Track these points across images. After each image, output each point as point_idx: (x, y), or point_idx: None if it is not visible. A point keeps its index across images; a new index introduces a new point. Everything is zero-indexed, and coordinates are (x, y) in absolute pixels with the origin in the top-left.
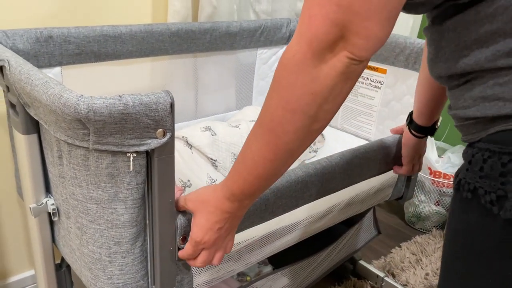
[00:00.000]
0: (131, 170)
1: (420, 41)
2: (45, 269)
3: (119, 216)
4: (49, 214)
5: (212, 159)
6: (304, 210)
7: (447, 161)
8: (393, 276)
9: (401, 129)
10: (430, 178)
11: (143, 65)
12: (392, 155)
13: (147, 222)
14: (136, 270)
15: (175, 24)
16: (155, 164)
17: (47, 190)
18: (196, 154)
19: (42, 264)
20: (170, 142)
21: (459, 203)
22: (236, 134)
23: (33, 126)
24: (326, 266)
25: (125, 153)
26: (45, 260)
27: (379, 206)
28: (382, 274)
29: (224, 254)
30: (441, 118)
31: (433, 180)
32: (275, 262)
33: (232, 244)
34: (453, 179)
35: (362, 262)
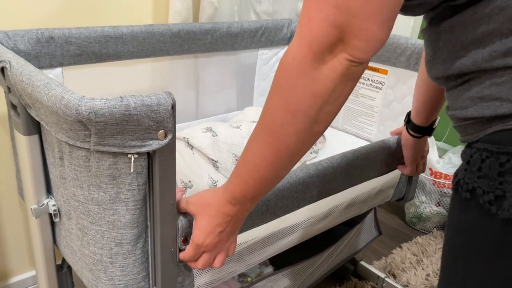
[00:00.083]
0: (132, 171)
1: (421, 41)
2: (46, 270)
3: (120, 217)
4: (50, 215)
5: (213, 160)
6: (305, 211)
7: (448, 161)
8: (394, 276)
9: (401, 130)
10: (431, 178)
11: (144, 65)
12: (393, 156)
13: (148, 223)
14: (137, 271)
15: (176, 24)
16: (156, 165)
17: (48, 191)
18: (197, 155)
19: (43, 265)
20: (171, 143)
21: (458, 203)
22: (237, 135)
23: (34, 127)
24: (327, 267)
25: (126, 154)
26: (46, 261)
27: (380, 207)
28: (383, 275)
29: (226, 257)
30: (439, 118)
31: (434, 180)
32: (276, 263)
33: (234, 247)
34: (451, 180)
35: (363, 262)
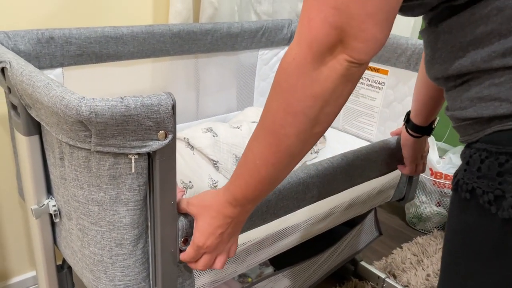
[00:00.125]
0: (133, 171)
1: (421, 42)
2: (46, 270)
3: (121, 217)
4: (50, 216)
5: (213, 160)
6: (305, 211)
7: (448, 162)
8: (394, 277)
9: (400, 131)
10: (431, 179)
11: (145, 66)
12: (393, 157)
13: (149, 223)
14: (137, 272)
15: (177, 25)
16: (157, 166)
17: (49, 191)
18: (197, 155)
19: (43, 265)
20: (172, 143)
21: (458, 204)
22: (237, 135)
23: (34, 128)
24: (328, 267)
25: (126, 154)
26: (46, 261)
27: (380, 207)
28: (383, 275)
29: (227, 258)
30: (438, 119)
31: (434, 181)
32: (277, 263)
33: (235, 248)
34: (451, 180)
35: (363, 263)
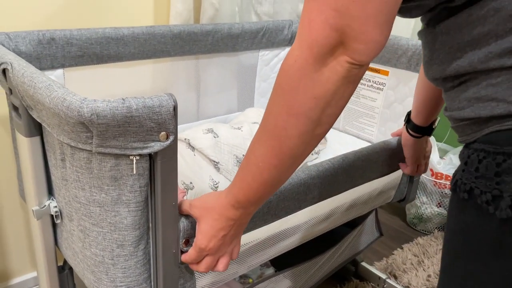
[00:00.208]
0: (134, 173)
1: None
2: (47, 271)
3: (122, 219)
4: (51, 217)
5: (214, 161)
6: (306, 212)
7: (449, 162)
8: (395, 277)
9: (401, 132)
10: (432, 179)
11: (145, 67)
12: (394, 157)
13: (150, 225)
14: (139, 273)
15: (177, 26)
16: (158, 167)
17: (50, 192)
18: (198, 156)
19: (44, 266)
20: (173, 145)
21: (456, 204)
22: (238, 136)
23: (35, 129)
24: (328, 268)
25: (128, 156)
26: (47, 262)
27: (381, 208)
28: (384, 276)
29: (229, 260)
30: (438, 119)
31: (434, 181)
32: (278, 264)
33: (238, 250)
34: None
35: (364, 263)
